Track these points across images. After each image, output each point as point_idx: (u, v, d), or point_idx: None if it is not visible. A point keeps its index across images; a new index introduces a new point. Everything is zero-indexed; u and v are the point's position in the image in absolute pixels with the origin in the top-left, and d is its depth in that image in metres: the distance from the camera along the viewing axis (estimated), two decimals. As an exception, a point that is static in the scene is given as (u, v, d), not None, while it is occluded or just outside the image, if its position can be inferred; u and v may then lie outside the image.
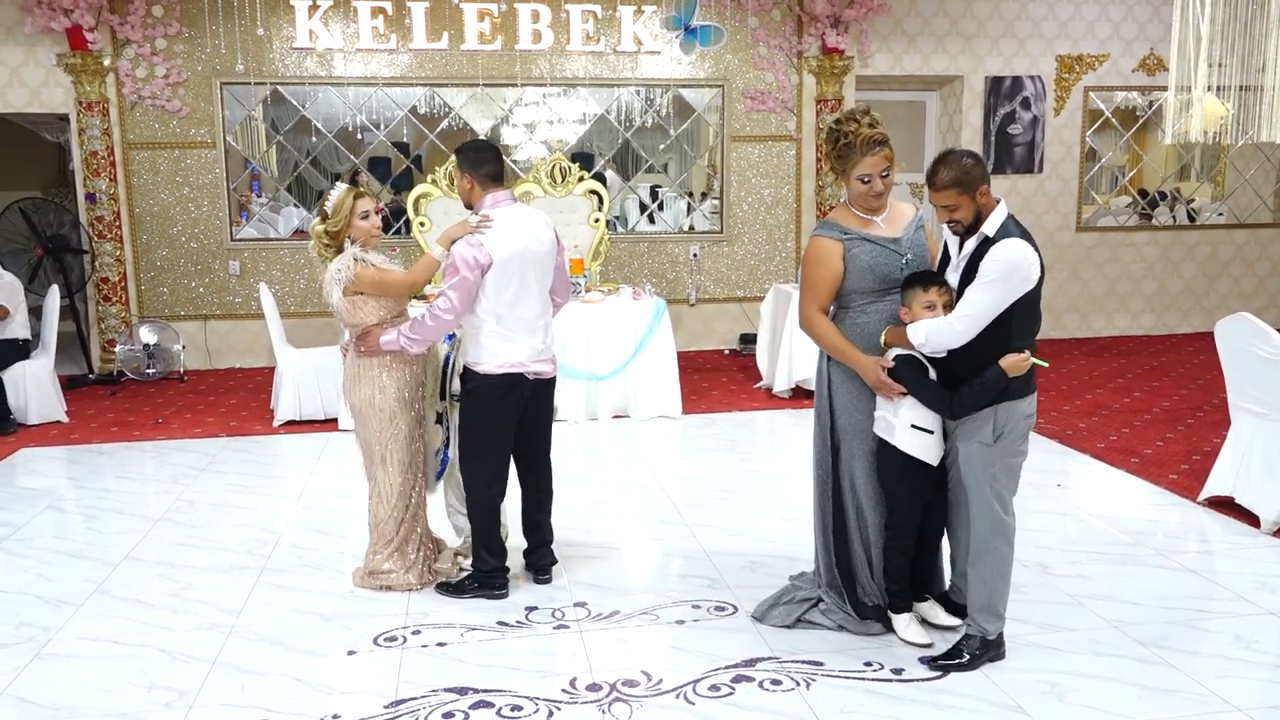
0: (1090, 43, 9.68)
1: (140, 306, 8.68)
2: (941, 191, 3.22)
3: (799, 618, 3.73)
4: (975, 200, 3.21)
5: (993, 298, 3.15)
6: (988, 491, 3.32)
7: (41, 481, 5.75)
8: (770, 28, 9.09)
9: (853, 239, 3.45)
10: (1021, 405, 3.30)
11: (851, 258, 3.43)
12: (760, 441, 6.46)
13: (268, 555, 4.52)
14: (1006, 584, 3.41)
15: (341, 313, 3.97)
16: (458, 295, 3.76)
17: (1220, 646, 3.56)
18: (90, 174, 8.29)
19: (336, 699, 3.26)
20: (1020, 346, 3.23)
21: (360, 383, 4.01)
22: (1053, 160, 9.79)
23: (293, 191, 9.45)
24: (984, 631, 3.41)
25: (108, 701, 3.26)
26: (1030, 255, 3.18)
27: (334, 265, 3.90)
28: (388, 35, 8.52)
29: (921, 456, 3.38)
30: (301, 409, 6.85)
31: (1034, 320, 3.31)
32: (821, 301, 3.51)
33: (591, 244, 7.87)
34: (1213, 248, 10.27)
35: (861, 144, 3.36)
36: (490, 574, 4.02)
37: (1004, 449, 3.30)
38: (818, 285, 3.49)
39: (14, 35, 8.10)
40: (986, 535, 3.35)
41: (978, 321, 3.17)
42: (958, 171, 3.19)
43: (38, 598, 4.08)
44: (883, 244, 3.44)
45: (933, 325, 3.22)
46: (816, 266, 3.48)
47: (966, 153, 3.27)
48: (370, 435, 4.05)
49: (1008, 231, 3.21)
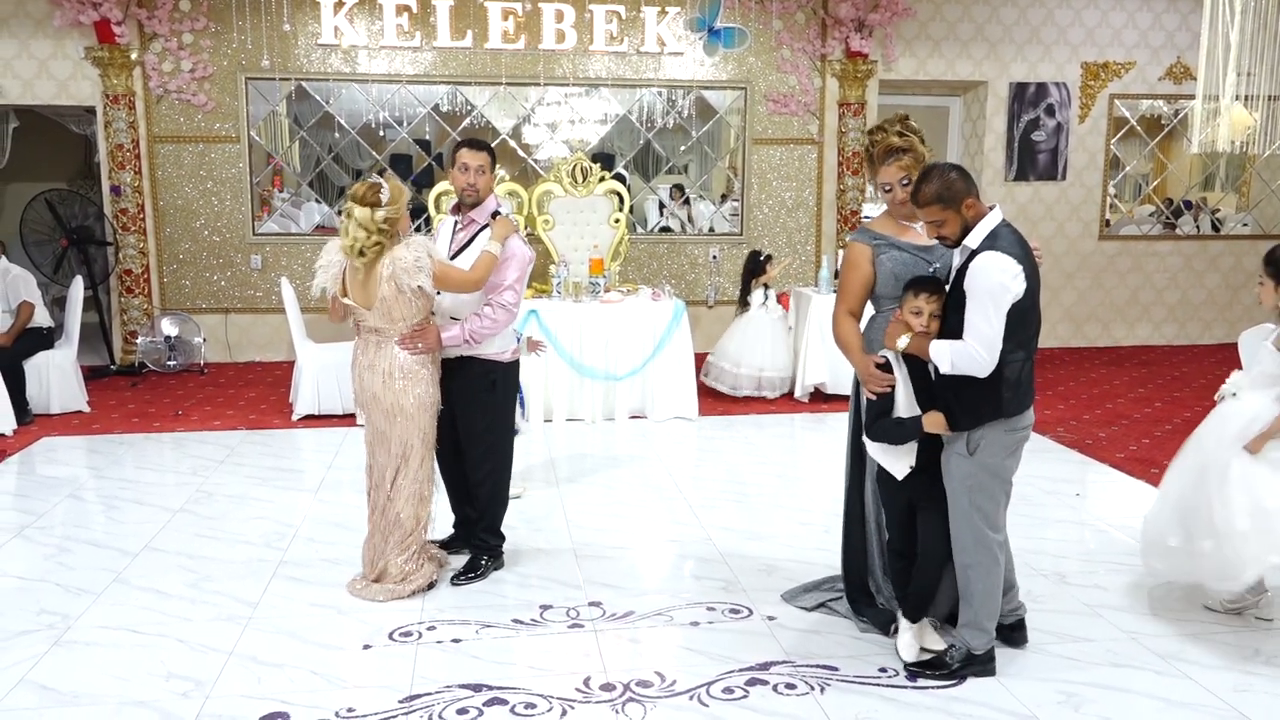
0: (1116, 50, 9.61)
1: (162, 299, 8.74)
2: (925, 208, 3.18)
3: (822, 603, 3.87)
4: (961, 214, 3.16)
5: (986, 314, 3.07)
6: (966, 503, 3.27)
7: (62, 470, 5.80)
8: (794, 31, 9.07)
9: (882, 244, 3.49)
10: (1005, 421, 3.20)
11: (879, 263, 3.47)
12: (777, 444, 6.45)
13: (285, 548, 4.55)
14: (993, 600, 3.34)
15: (408, 303, 3.80)
16: (522, 288, 4.07)
17: (1239, 660, 3.52)
18: (115, 166, 8.37)
19: (351, 692, 3.28)
20: (1016, 359, 3.15)
21: (414, 381, 3.88)
22: (1076, 168, 9.73)
23: (314, 187, 9.50)
24: (969, 645, 3.37)
25: (126, 690, 3.28)
26: (1006, 265, 3.06)
27: (409, 254, 3.74)
28: (412, 33, 8.56)
29: (882, 463, 3.38)
30: (320, 403, 6.88)
31: (1026, 330, 3.17)
32: (850, 304, 3.54)
33: (611, 244, 7.87)
34: (1237, 258, 10.18)
35: (880, 153, 3.49)
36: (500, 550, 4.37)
37: (982, 463, 3.22)
38: (846, 288, 3.55)
39: (43, 28, 8.17)
40: (968, 548, 3.30)
41: (994, 341, 3.08)
42: (939, 186, 3.14)
43: (58, 585, 4.12)
44: (912, 252, 3.46)
45: (957, 350, 3.13)
46: (847, 270, 3.55)
47: (950, 166, 3.21)
48: (413, 434, 3.92)
49: (993, 242, 3.12)
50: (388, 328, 3.85)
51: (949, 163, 3.27)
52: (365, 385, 3.93)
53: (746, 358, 7.43)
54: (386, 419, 3.91)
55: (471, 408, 4.12)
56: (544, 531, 4.78)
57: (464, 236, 4.11)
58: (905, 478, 3.36)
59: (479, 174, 4.03)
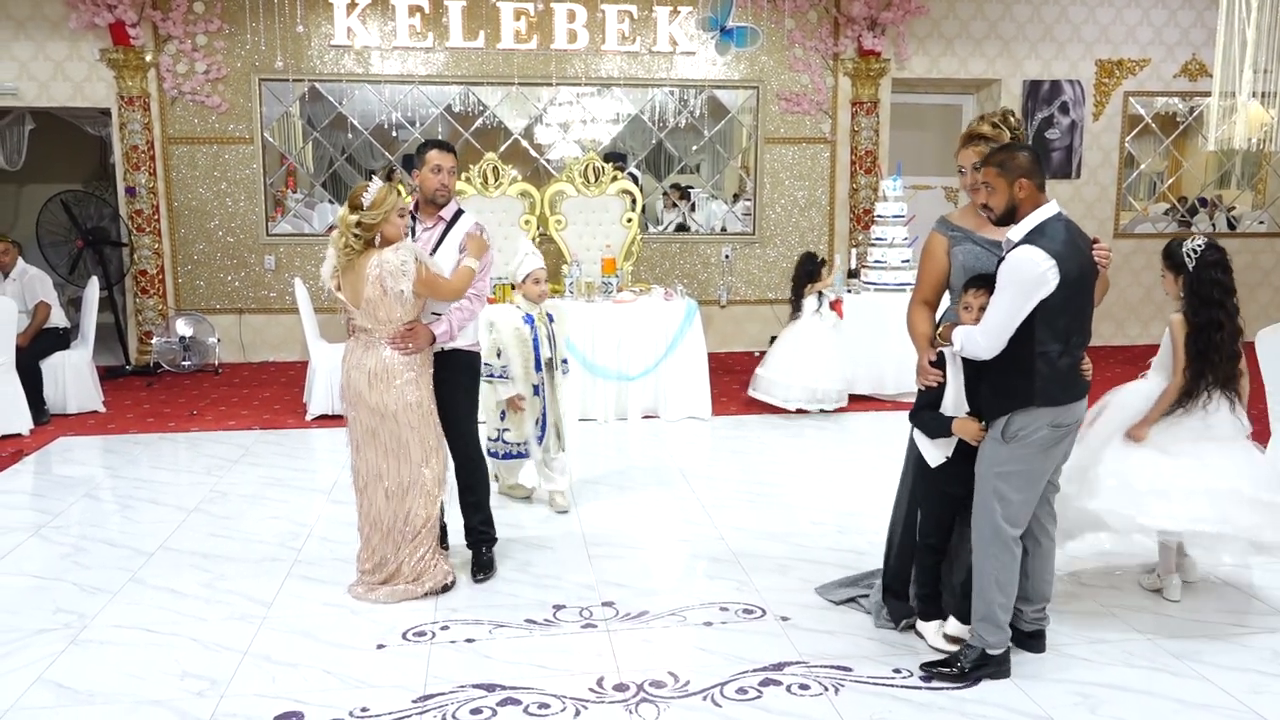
0: (1131, 47, 9.56)
1: (177, 299, 8.79)
2: (984, 168, 3.25)
3: (851, 598, 3.91)
4: (1011, 190, 3.18)
5: (1006, 306, 3.10)
6: (989, 490, 3.26)
7: (78, 470, 5.84)
8: (806, 29, 9.05)
9: (958, 236, 3.49)
10: (1044, 413, 3.18)
11: (953, 255, 3.48)
12: (791, 444, 6.43)
13: (299, 548, 4.56)
14: (1007, 595, 3.31)
15: (395, 307, 3.81)
16: (489, 276, 4.24)
17: (1256, 661, 3.50)
18: (130, 168, 8.41)
19: (365, 692, 3.28)
20: (1051, 351, 3.14)
21: (402, 381, 3.89)
22: (1090, 166, 9.69)
23: (328, 188, 9.53)
24: (984, 643, 3.35)
25: (141, 688, 3.30)
26: (1039, 260, 3.06)
27: (395, 258, 3.76)
28: (424, 34, 8.58)
29: (920, 448, 3.45)
30: (334, 403, 6.90)
31: (1064, 327, 3.15)
32: (925, 293, 3.56)
33: (624, 244, 7.87)
34: (1253, 256, 10.11)
35: (965, 136, 3.56)
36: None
37: (1016, 452, 3.22)
38: (922, 277, 3.57)
39: (59, 31, 8.22)
40: (986, 538, 3.29)
41: (999, 331, 3.12)
42: (1005, 155, 3.21)
43: (74, 584, 4.14)
44: (986, 246, 3.43)
45: (966, 334, 3.23)
46: (924, 259, 3.57)
47: (1028, 147, 3.26)
48: (419, 434, 3.94)
49: (1038, 236, 3.13)
50: (375, 328, 3.88)
51: (1030, 145, 3.31)
52: (352, 383, 3.95)
53: (799, 368, 6.93)
54: (376, 417, 3.93)
55: (457, 396, 4.21)
56: (557, 532, 4.78)
57: (435, 235, 4.17)
58: (951, 476, 3.40)
59: (450, 174, 4.15)
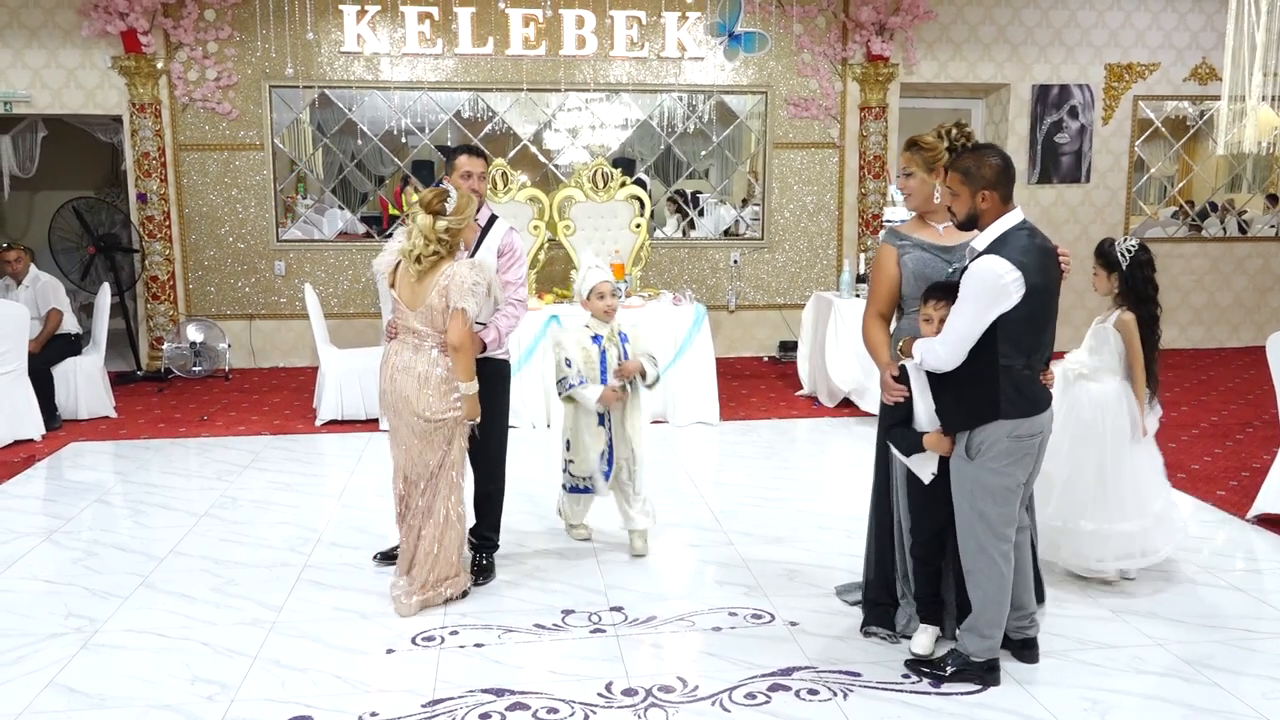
0: (1140, 51, 9.54)
1: (188, 305, 8.83)
2: (951, 172, 3.23)
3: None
4: (974, 199, 3.16)
5: (967, 317, 3.07)
6: (968, 508, 3.24)
7: (90, 475, 5.87)
8: (814, 34, 9.06)
9: (906, 244, 3.50)
10: (1005, 425, 3.14)
11: (903, 263, 3.48)
12: (799, 450, 6.43)
13: (309, 553, 4.57)
14: (997, 608, 3.27)
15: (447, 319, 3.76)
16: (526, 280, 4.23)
17: (1267, 667, 3.48)
18: (142, 174, 8.46)
19: (375, 696, 3.29)
20: (1014, 365, 3.11)
21: (451, 389, 3.82)
22: (1100, 170, 9.66)
23: (337, 194, 9.57)
24: (967, 650, 3.33)
25: (152, 693, 3.31)
26: (1003, 271, 3.01)
27: (470, 276, 3.71)
28: (434, 40, 8.61)
29: (909, 466, 3.41)
30: (344, 409, 6.92)
31: (1028, 339, 3.12)
32: (879, 305, 3.55)
33: (633, 249, 7.88)
34: (1264, 260, 10.08)
35: (906, 141, 3.59)
36: None
37: (982, 467, 3.18)
38: (873, 289, 3.57)
39: (71, 38, 8.28)
40: (971, 553, 3.28)
41: (960, 341, 3.09)
42: (973, 161, 3.16)
43: (85, 589, 4.16)
44: (933, 251, 3.45)
45: (926, 345, 3.19)
46: (874, 271, 3.58)
47: (1000, 154, 3.19)
48: (445, 455, 3.87)
49: (1000, 245, 3.09)
50: (429, 332, 3.81)
51: (1003, 152, 3.23)
52: (397, 387, 3.84)
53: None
54: (423, 422, 3.83)
55: (487, 404, 4.15)
56: (565, 537, 4.78)
57: (471, 240, 4.18)
58: (935, 485, 3.36)
59: (481, 180, 4.16)
